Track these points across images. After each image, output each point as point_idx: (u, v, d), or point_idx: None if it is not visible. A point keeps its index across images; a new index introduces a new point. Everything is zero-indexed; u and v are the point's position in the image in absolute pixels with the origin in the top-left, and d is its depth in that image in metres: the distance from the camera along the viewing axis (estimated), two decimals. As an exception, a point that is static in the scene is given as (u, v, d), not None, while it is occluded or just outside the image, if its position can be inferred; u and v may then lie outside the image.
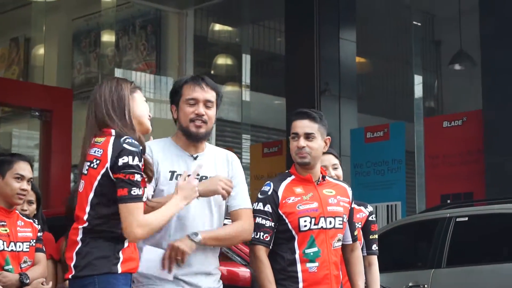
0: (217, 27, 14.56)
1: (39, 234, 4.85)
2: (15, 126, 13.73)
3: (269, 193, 4.21)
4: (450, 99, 14.78)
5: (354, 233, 4.44)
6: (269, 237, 4.15)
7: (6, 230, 4.66)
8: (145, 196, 3.52)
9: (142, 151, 3.51)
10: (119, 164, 3.40)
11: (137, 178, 3.41)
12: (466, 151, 10.37)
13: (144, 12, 13.87)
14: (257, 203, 4.20)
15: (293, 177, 4.28)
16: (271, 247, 4.17)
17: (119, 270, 3.40)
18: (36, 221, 4.92)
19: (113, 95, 3.54)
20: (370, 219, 4.91)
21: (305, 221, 4.16)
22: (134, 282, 3.67)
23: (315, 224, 4.17)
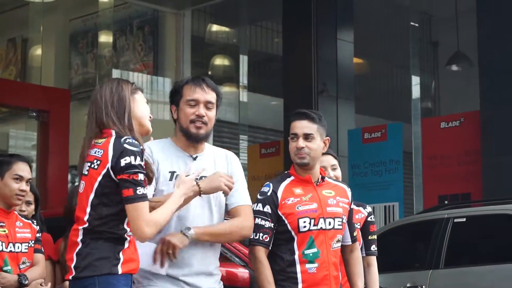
0: (215, 27, 14.54)
1: (37, 235, 4.85)
2: (12, 126, 13.70)
3: (269, 194, 4.21)
4: (447, 100, 14.78)
5: (354, 234, 4.44)
6: (268, 238, 4.15)
7: (4, 231, 4.66)
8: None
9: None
10: (122, 164, 3.41)
11: (140, 177, 3.42)
12: (464, 152, 10.37)
13: (141, 12, 13.85)
14: (256, 204, 4.19)
15: (292, 178, 4.28)
16: (270, 248, 4.16)
17: (119, 271, 3.40)
18: (35, 222, 4.92)
19: (114, 96, 3.54)
20: (369, 219, 4.91)
21: (304, 222, 4.16)
22: (134, 283, 3.67)
23: (314, 225, 4.17)
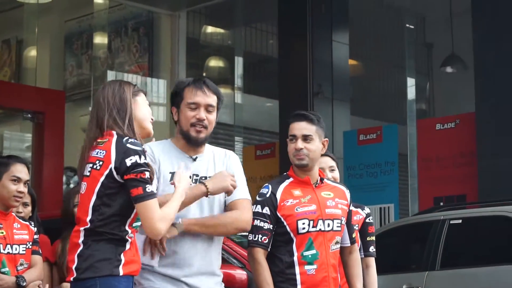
0: (210, 29, 14.53)
1: (35, 236, 4.83)
2: (7, 128, 13.65)
3: (268, 195, 4.20)
4: (441, 102, 14.80)
5: (352, 236, 4.44)
6: (267, 239, 4.15)
7: (2, 233, 4.65)
8: None
9: None
10: (128, 164, 3.41)
11: (147, 175, 3.44)
12: (459, 154, 10.37)
13: (136, 14, 13.84)
14: (255, 205, 4.19)
15: (291, 179, 4.28)
16: (269, 250, 4.16)
17: (120, 273, 3.40)
18: (32, 223, 4.90)
19: (115, 98, 3.55)
20: (367, 221, 4.92)
21: (303, 223, 4.15)
22: (135, 284, 3.66)
23: (313, 227, 4.16)
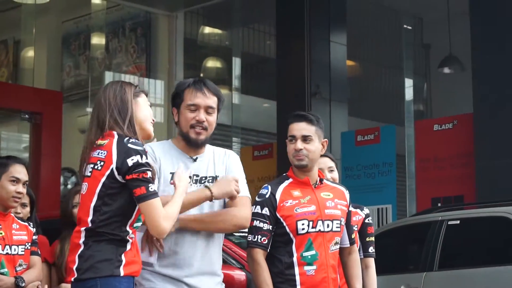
0: (207, 30, 14.52)
1: (34, 237, 4.82)
2: (4, 128, 13.63)
3: (267, 196, 4.20)
4: (439, 103, 14.81)
5: (352, 236, 4.44)
6: (266, 240, 4.15)
7: (1, 233, 4.64)
8: None
9: None
10: (130, 164, 3.42)
11: (149, 175, 3.45)
12: (457, 155, 10.38)
13: (134, 14, 13.83)
14: (254, 206, 4.19)
15: (290, 180, 4.28)
16: (268, 250, 4.16)
17: (121, 273, 3.40)
18: (32, 224, 4.90)
19: (117, 98, 3.55)
20: (367, 221, 4.92)
21: (303, 224, 4.15)
22: (135, 285, 3.66)
23: (313, 227, 4.16)
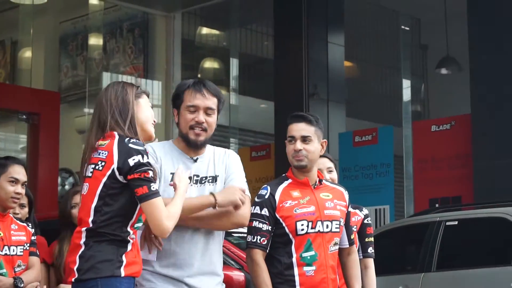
0: (205, 30, 14.53)
1: (33, 237, 4.82)
2: (1, 129, 13.60)
3: (266, 196, 4.20)
4: (436, 103, 14.82)
5: (351, 237, 4.44)
6: (266, 240, 4.15)
7: (0, 234, 4.63)
8: None
9: None
10: (131, 164, 3.42)
11: (151, 174, 3.45)
12: (454, 155, 10.39)
13: (131, 15, 13.83)
14: (254, 206, 4.19)
15: (290, 180, 4.28)
16: (268, 251, 4.16)
17: (122, 274, 3.40)
18: (30, 224, 4.89)
19: (118, 99, 3.55)
20: (366, 222, 4.92)
21: (302, 224, 4.15)
22: (136, 286, 3.66)
23: (312, 228, 4.16)
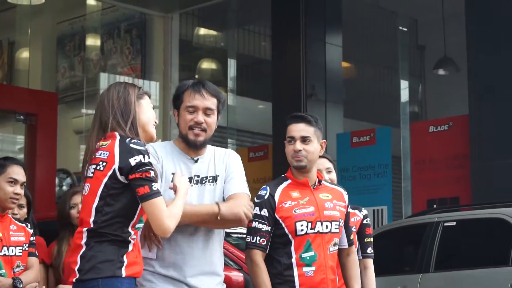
0: (202, 31, 14.53)
1: (31, 238, 4.81)
2: (-1, 129, 13.64)
3: (266, 197, 4.20)
4: (434, 104, 14.83)
5: (350, 237, 4.44)
6: (265, 241, 4.15)
7: (-1, 235, 4.63)
8: None
9: None
10: (132, 164, 3.41)
11: (152, 174, 3.44)
12: (452, 156, 10.40)
13: (129, 16, 13.83)
14: (253, 207, 4.18)
15: (289, 181, 4.28)
16: (267, 252, 4.16)
17: (123, 274, 3.40)
18: (29, 225, 4.89)
19: (120, 100, 3.55)
20: (365, 222, 4.92)
21: (301, 225, 4.15)
22: (136, 286, 3.66)
23: (311, 228, 4.16)
